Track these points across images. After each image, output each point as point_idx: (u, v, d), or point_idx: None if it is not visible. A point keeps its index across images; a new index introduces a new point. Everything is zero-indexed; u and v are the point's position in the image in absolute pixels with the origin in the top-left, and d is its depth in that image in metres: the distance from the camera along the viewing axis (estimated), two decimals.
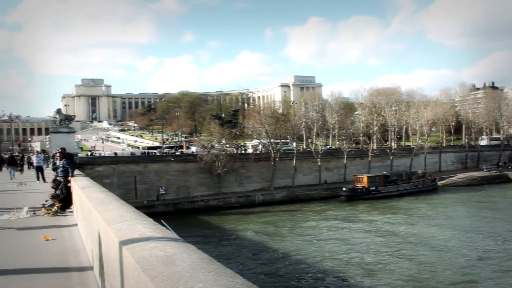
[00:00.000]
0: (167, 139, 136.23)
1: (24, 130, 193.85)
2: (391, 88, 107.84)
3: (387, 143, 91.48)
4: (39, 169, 29.90)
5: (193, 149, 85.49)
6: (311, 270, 31.89)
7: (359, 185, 67.07)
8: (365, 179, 67.27)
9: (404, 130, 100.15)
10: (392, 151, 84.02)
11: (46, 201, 15.65)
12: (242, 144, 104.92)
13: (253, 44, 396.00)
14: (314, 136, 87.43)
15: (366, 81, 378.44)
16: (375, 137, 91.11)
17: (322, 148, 79.91)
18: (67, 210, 15.63)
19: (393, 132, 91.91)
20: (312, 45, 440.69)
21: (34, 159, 30.00)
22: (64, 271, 7.80)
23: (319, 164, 74.40)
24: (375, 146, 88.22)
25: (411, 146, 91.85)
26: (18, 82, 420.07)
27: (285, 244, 40.58)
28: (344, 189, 66.62)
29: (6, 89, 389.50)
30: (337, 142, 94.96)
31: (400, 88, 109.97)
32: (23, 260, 8.63)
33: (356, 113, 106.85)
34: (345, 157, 76.90)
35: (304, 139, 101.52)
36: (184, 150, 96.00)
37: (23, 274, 7.60)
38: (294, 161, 72.04)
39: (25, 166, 44.12)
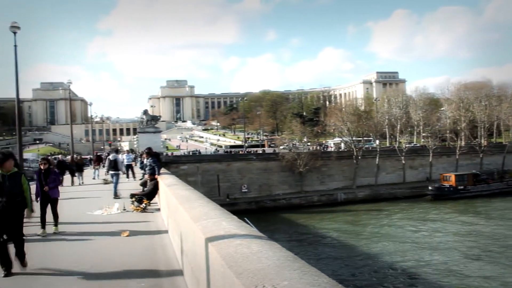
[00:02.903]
0: (249, 138, 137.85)
1: (114, 130, 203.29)
2: (480, 82, 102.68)
3: (476, 140, 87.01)
4: (129, 167, 31.30)
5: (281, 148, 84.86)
6: (395, 271, 31.08)
7: (446, 184, 64.44)
8: (452, 178, 64.56)
9: (495, 126, 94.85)
10: (482, 148, 79.98)
11: (134, 198, 16.28)
12: (323, 142, 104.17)
13: (336, 40, 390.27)
14: (397, 134, 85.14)
15: (454, 76, 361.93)
16: (463, 133, 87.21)
17: (406, 145, 77.65)
18: (154, 207, 16.21)
19: (482, 129, 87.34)
20: (397, 40, 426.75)
21: (125, 158, 31.35)
22: (152, 265, 8.09)
23: (403, 162, 72.38)
24: (463, 143, 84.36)
25: (504, 143, 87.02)
26: (110, 84, 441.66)
27: (369, 243, 39.77)
28: (430, 188, 64.30)
29: (99, 91, 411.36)
30: (422, 140, 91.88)
31: (491, 81, 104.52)
32: (115, 252, 9.04)
33: (442, 109, 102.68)
34: (431, 154, 74.24)
35: (387, 136, 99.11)
36: (266, 149, 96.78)
37: (114, 266, 7.96)
38: (377, 159, 70.55)
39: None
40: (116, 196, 19.55)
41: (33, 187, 10.08)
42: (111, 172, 22.11)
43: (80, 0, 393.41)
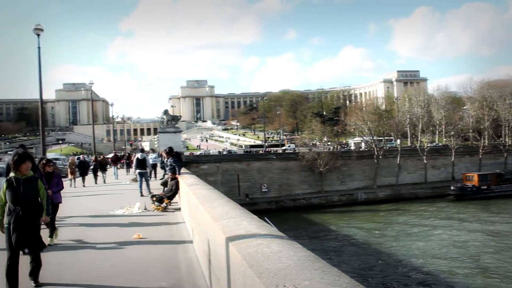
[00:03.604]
0: (269, 138, 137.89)
1: (135, 130, 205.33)
2: (504, 79, 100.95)
3: (500, 139, 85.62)
4: (154, 167, 31.54)
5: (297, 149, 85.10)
6: (417, 272, 30.70)
7: (469, 184, 63.46)
8: (475, 178, 63.56)
9: None
10: (506, 147, 78.71)
11: (155, 197, 16.42)
12: (344, 141, 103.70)
13: (356, 39, 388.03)
14: (419, 133, 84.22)
15: (477, 74, 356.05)
16: (486, 133, 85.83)
17: (428, 145, 76.70)
18: (175, 206, 16.33)
19: (507, 127, 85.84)
20: (418, 38, 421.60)
21: (150, 157, 31.64)
22: (173, 264, 8.15)
23: (425, 161, 71.59)
24: (486, 142, 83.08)
25: None
26: (131, 85, 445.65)
27: (390, 244, 39.41)
28: (452, 188, 63.42)
29: (120, 92, 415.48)
30: (444, 139, 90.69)
31: None
32: (136, 251, 9.12)
33: (464, 108, 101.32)
34: (453, 154, 73.28)
35: (409, 136, 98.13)
36: (286, 148, 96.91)
37: (135, 265, 8.04)
38: (398, 159, 69.90)
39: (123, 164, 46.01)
40: (150, 193, 19.87)
41: None
42: (138, 170, 22.37)
43: (102, 2, 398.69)
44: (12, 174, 7.05)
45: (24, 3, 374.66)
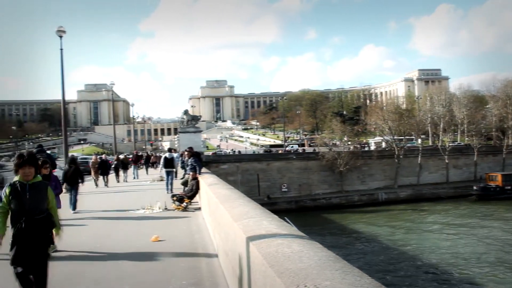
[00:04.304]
0: (288, 137, 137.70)
1: (155, 130, 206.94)
2: None
3: None
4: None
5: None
6: (440, 273, 30.39)
7: (492, 184, 62.55)
8: (499, 178, 62.62)
9: None
10: None
11: (176, 197, 16.51)
12: (364, 141, 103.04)
13: (377, 38, 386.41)
14: (440, 132, 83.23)
15: (501, 71, 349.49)
16: (510, 132, 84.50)
17: (450, 144, 75.77)
18: (195, 206, 16.40)
19: None
20: (440, 35, 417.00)
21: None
22: (193, 263, 8.20)
23: (447, 161, 70.71)
24: (510, 141, 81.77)
25: None
26: (151, 85, 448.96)
27: (412, 244, 39.01)
28: (474, 188, 62.55)
29: (140, 92, 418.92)
30: (466, 138, 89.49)
31: None
32: (157, 250, 9.19)
33: (487, 106, 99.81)
34: (475, 154, 72.31)
35: (430, 135, 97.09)
36: (306, 148, 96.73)
37: (155, 264, 8.11)
38: (419, 158, 69.16)
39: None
40: (171, 191, 20.18)
41: None
42: (166, 169, 22.82)
43: (122, 3, 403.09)
44: (16, 178, 5.94)
45: (48, 6, 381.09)
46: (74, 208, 15.93)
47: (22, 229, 5.64)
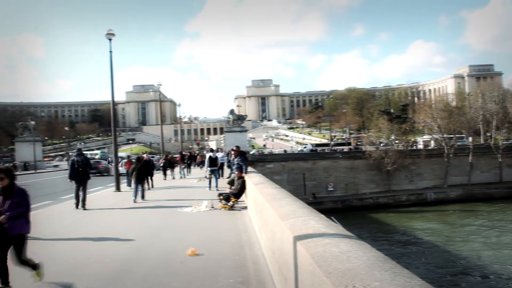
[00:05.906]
0: (335, 136, 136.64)
1: (202, 130, 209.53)
2: None
3: None
4: (220, 166, 31.93)
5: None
6: (491, 277, 29.46)
7: None
8: None
9: None
10: None
11: (222, 196, 16.64)
12: (412, 140, 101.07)
13: (426, 33, 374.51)
14: (493, 130, 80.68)
15: None
16: None
17: (503, 142, 73.34)
18: (241, 205, 16.48)
19: None
20: (494, 29, 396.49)
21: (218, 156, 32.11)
22: (240, 262, 8.23)
23: (500, 160, 68.41)
24: None
25: None
26: (198, 85, 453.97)
27: (463, 245, 37.94)
28: None
29: (187, 92, 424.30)
30: None
31: None
32: (205, 248, 9.28)
33: None
34: None
35: (482, 133, 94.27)
36: (352, 147, 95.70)
37: (202, 262, 8.20)
38: (470, 157, 67.21)
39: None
40: (217, 190, 20.76)
41: None
42: (210, 168, 23.73)
43: (169, 5, 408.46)
44: None
45: (98, 9, 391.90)
46: (142, 197, 18.95)
47: None
